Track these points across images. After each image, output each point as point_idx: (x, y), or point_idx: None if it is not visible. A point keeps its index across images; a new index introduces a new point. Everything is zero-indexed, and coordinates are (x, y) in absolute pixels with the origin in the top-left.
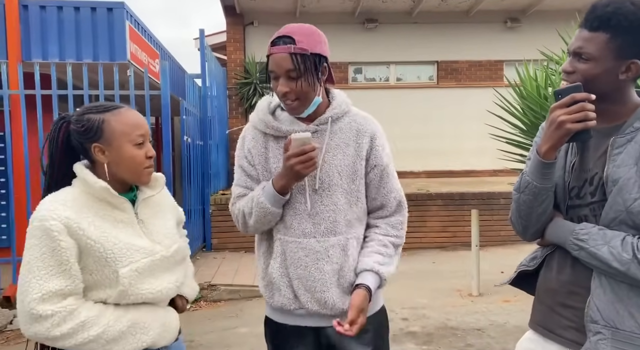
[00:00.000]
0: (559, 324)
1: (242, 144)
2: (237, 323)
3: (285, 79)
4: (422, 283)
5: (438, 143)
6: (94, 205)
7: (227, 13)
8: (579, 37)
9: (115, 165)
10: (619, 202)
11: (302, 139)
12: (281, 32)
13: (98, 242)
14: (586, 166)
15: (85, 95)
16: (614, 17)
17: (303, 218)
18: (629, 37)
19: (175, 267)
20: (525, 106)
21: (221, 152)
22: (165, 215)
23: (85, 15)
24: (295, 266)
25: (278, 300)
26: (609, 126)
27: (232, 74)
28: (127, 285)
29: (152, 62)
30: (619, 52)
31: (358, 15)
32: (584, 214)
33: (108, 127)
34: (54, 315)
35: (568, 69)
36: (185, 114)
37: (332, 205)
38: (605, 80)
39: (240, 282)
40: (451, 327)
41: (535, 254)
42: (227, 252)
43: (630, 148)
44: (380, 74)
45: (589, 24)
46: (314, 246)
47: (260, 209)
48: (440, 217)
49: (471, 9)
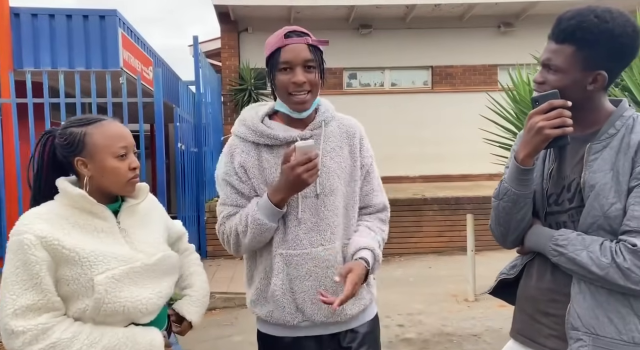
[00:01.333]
0: (540, 332)
1: (229, 160)
2: (232, 331)
3: (302, 68)
4: (418, 288)
5: (434, 148)
6: (73, 216)
7: (222, 20)
8: (547, 49)
9: (98, 177)
10: (596, 207)
11: (306, 147)
12: (291, 28)
13: (73, 250)
14: (564, 173)
15: (78, 103)
16: (578, 31)
17: (305, 227)
18: (593, 50)
19: (159, 279)
20: (518, 110)
21: (216, 159)
22: (152, 225)
23: (77, 23)
24: (302, 279)
25: (279, 317)
26: (584, 133)
27: (226, 80)
28: (103, 293)
29: (145, 69)
30: (585, 64)
31: (352, 21)
32: (562, 221)
33: (90, 140)
34: (26, 333)
35: (539, 80)
36: (179, 121)
37: (335, 209)
38: (574, 90)
39: (235, 290)
40: (447, 333)
41: (515, 262)
42: (222, 260)
43: (606, 154)
44: (375, 80)
45: (555, 36)
46: (322, 255)
47: (257, 226)
48: (437, 221)
49: (465, 14)
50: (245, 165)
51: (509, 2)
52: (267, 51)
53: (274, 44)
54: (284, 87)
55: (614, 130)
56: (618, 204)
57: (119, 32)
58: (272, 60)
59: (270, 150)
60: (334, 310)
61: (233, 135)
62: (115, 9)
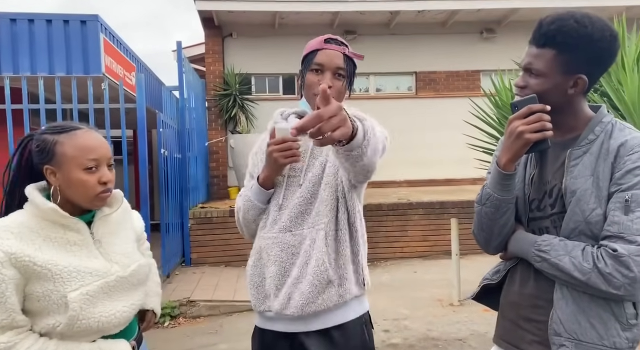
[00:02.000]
0: (523, 338)
1: (254, 148)
2: (217, 339)
3: (332, 75)
4: (403, 293)
5: (418, 152)
6: (44, 229)
7: (206, 25)
8: (528, 53)
9: (65, 189)
10: (577, 212)
11: (283, 129)
12: (334, 36)
13: (45, 267)
14: (545, 178)
15: (58, 109)
16: (558, 35)
17: (283, 212)
18: (573, 54)
19: (133, 290)
20: (500, 115)
21: (200, 165)
22: (125, 233)
23: (57, 28)
24: (269, 264)
25: (252, 299)
26: (564, 139)
27: (211, 85)
28: (78, 310)
29: (128, 74)
30: (565, 68)
31: (337, 27)
32: (545, 226)
33: (60, 150)
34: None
35: (520, 84)
36: (162, 127)
37: (314, 197)
38: (555, 94)
39: (220, 297)
40: (432, 337)
41: (498, 268)
42: (207, 267)
43: (586, 159)
44: (359, 85)
45: (536, 40)
46: (288, 240)
47: (246, 202)
48: (422, 226)
49: (448, 21)
50: (257, 151)
51: (490, 9)
52: (305, 51)
53: (313, 46)
54: (311, 86)
55: (594, 135)
56: (598, 210)
57: (100, 38)
58: (307, 60)
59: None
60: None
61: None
62: (96, 14)
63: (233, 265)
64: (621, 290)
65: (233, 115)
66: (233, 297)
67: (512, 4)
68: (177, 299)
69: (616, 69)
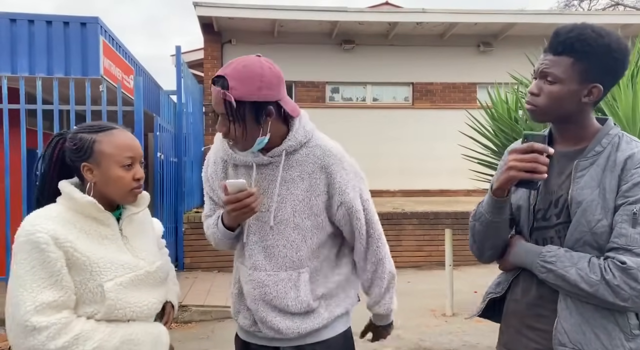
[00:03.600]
0: (527, 346)
1: (205, 168)
2: (209, 345)
3: (222, 119)
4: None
5: (413, 163)
6: (79, 221)
7: (205, 31)
8: (544, 60)
9: (102, 185)
10: (582, 223)
11: (236, 185)
12: (220, 71)
13: (84, 255)
14: (551, 188)
15: (55, 110)
16: (577, 43)
17: (256, 250)
18: (591, 62)
19: (158, 285)
20: (496, 128)
21: (196, 170)
22: (148, 233)
23: (57, 29)
24: (247, 296)
25: (241, 321)
26: (572, 149)
27: (208, 91)
28: (115, 299)
29: (126, 77)
30: (582, 76)
31: (335, 36)
32: (549, 236)
33: (98, 148)
34: (49, 328)
35: (534, 91)
36: (159, 131)
37: (283, 240)
38: (570, 102)
39: (212, 302)
40: (425, 348)
41: (500, 279)
42: (200, 272)
43: (593, 171)
44: (357, 94)
45: (553, 48)
46: (263, 279)
47: (215, 238)
48: (416, 236)
49: (445, 33)
50: (212, 177)
51: (488, 23)
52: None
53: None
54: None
55: (601, 147)
56: (604, 221)
57: (100, 40)
58: None
59: (235, 168)
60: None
61: (213, 145)
62: (97, 17)
63: (226, 271)
64: (629, 302)
65: None
66: (225, 303)
67: (509, 19)
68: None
69: None
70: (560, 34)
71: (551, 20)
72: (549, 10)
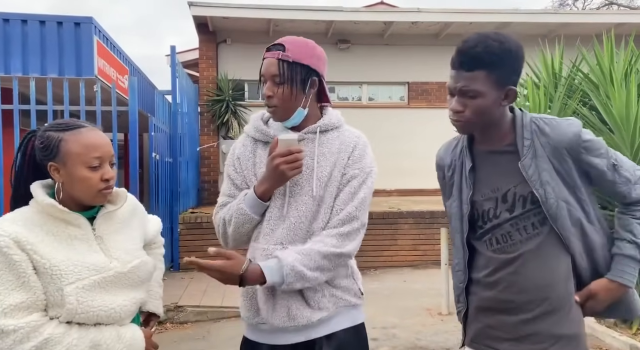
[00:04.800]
0: (495, 338)
1: (232, 153)
2: (204, 345)
3: (271, 83)
4: (393, 302)
5: (409, 162)
6: (46, 223)
7: (200, 30)
8: (458, 78)
9: (68, 185)
10: (562, 205)
11: (288, 140)
12: (276, 41)
13: (44, 257)
14: (493, 186)
15: (49, 110)
16: (486, 56)
17: (280, 224)
18: (502, 69)
19: (135, 286)
20: None
21: (191, 170)
22: (130, 231)
23: (51, 29)
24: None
25: (244, 312)
26: (498, 148)
27: (204, 91)
28: (75, 303)
29: (120, 77)
30: (498, 83)
31: (331, 35)
32: (507, 231)
33: (64, 147)
34: (17, 331)
35: (459, 109)
36: (154, 131)
37: (304, 212)
38: (494, 109)
39: (208, 303)
40: (421, 346)
41: (457, 293)
42: (195, 272)
43: (542, 163)
44: (352, 94)
45: (465, 65)
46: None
47: (240, 216)
48: (412, 235)
49: (441, 32)
50: (240, 157)
51: (483, 22)
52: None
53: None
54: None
55: (528, 140)
56: (576, 193)
57: (94, 40)
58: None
59: (264, 147)
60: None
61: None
62: (91, 17)
63: None
64: None
65: (225, 121)
66: (221, 303)
67: (503, 18)
68: (164, 304)
69: (605, 84)
70: (467, 52)
71: (546, 20)
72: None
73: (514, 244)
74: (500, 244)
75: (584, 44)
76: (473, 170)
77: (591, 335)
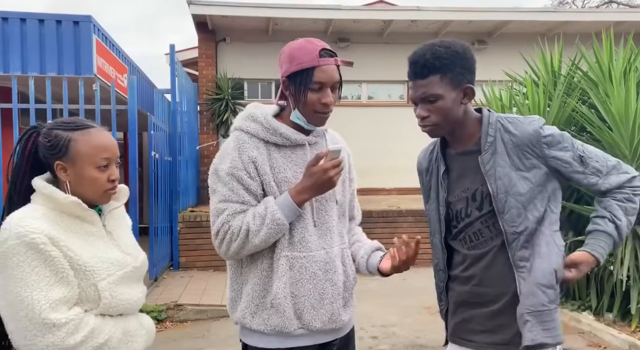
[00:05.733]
0: (472, 330)
1: (237, 155)
2: (204, 344)
3: (331, 90)
4: (392, 300)
5: (409, 160)
6: (63, 221)
7: (199, 29)
8: (417, 87)
9: (75, 184)
10: (518, 206)
11: (337, 150)
12: (321, 45)
13: (77, 254)
14: (463, 187)
15: (49, 109)
16: (435, 61)
17: (313, 231)
18: (452, 70)
19: (142, 277)
20: None
21: (191, 169)
22: (127, 226)
23: (50, 28)
24: (304, 282)
25: (276, 323)
26: (467, 148)
27: (203, 89)
28: (110, 298)
29: (120, 76)
30: (453, 84)
31: (330, 34)
32: (478, 229)
33: (74, 147)
34: (68, 323)
35: (424, 114)
36: (153, 129)
37: (334, 215)
38: (455, 109)
39: (207, 301)
40: (420, 344)
41: (438, 291)
42: (195, 271)
43: (500, 159)
44: (352, 92)
45: (419, 74)
46: (324, 258)
47: (275, 226)
48: (411, 233)
49: (440, 31)
50: (256, 161)
51: (482, 21)
52: (297, 65)
53: (308, 62)
54: (312, 104)
55: (491, 137)
56: (534, 190)
57: (93, 39)
58: (303, 76)
59: (278, 150)
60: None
61: (238, 131)
62: (89, 15)
63: (222, 270)
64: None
65: (225, 120)
66: (221, 302)
67: (503, 17)
68: (164, 303)
69: (604, 82)
70: (418, 62)
71: (545, 18)
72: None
73: (484, 241)
74: (473, 241)
75: (583, 42)
76: (447, 172)
77: (590, 333)
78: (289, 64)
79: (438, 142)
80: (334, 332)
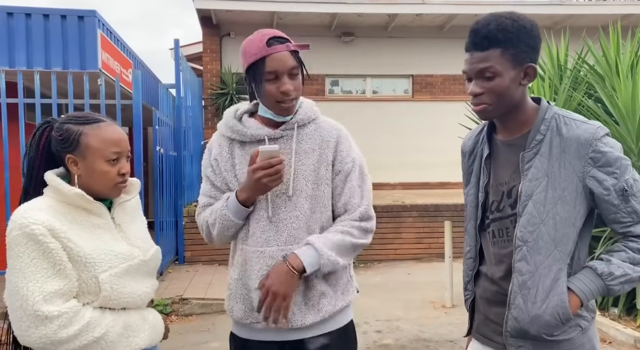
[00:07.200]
0: (494, 330)
1: (208, 153)
2: (209, 338)
3: (288, 77)
4: (396, 295)
5: (413, 155)
6: (70, 213)
7: (204, 24)
8: (473, 59)
9: (86, 178)
10: (535, 215)
11: (269, 151)
12: (271, 33)
13: (78, 245)
14: (502, 180)
15: (54, 104)
16: (499, 33)
17: (266, 226)
18: (516, 46)
19: (152, 272)
20: None
21: (195, 163)
22: (140, 220)
23: (55, 23)
24: (254, 277)
25: (237, 313)
26: (514, 138)
27: (208, 84)
28: (110, 290)
29: (124, 71)
30: (515, 61)
31: (334, 28)
32: (506, 227)
33: (84, 140)
34: (61, 316)
35: (478, 91)
36: (158, 124)
37: (297, 212)
38: (513, 89)
39: (212, 295)
40: (424, 339)
41: (466, 280)
42: (200, 265)
43: (538, 162)
44: (356, 87)
45: (478, 45)
46: (275, 255)
47: (224, 221)
48: (416, 228)
49: (445, 25)
50: (218, 158)
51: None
52: (248, 59)
53: (257, 53)
54: (271, 95)
55: (540, 135)
56: (555, 210)
57: (97, 33)
58: (256, 68)
59: (242, 147)
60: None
61: (217, 130)
62: (94, 10)
63: (226, 264)
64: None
65: None
66: None
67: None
68: (169, 297)
69: (611, 76)
70: (480, 31)
71: (552, 11)
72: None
73: (509, 240)
74: (495, 237)
75: (590, 35)
76: (489, 158)
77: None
78: (243, 59)
79: (486, 126)
80: (295, 332)
